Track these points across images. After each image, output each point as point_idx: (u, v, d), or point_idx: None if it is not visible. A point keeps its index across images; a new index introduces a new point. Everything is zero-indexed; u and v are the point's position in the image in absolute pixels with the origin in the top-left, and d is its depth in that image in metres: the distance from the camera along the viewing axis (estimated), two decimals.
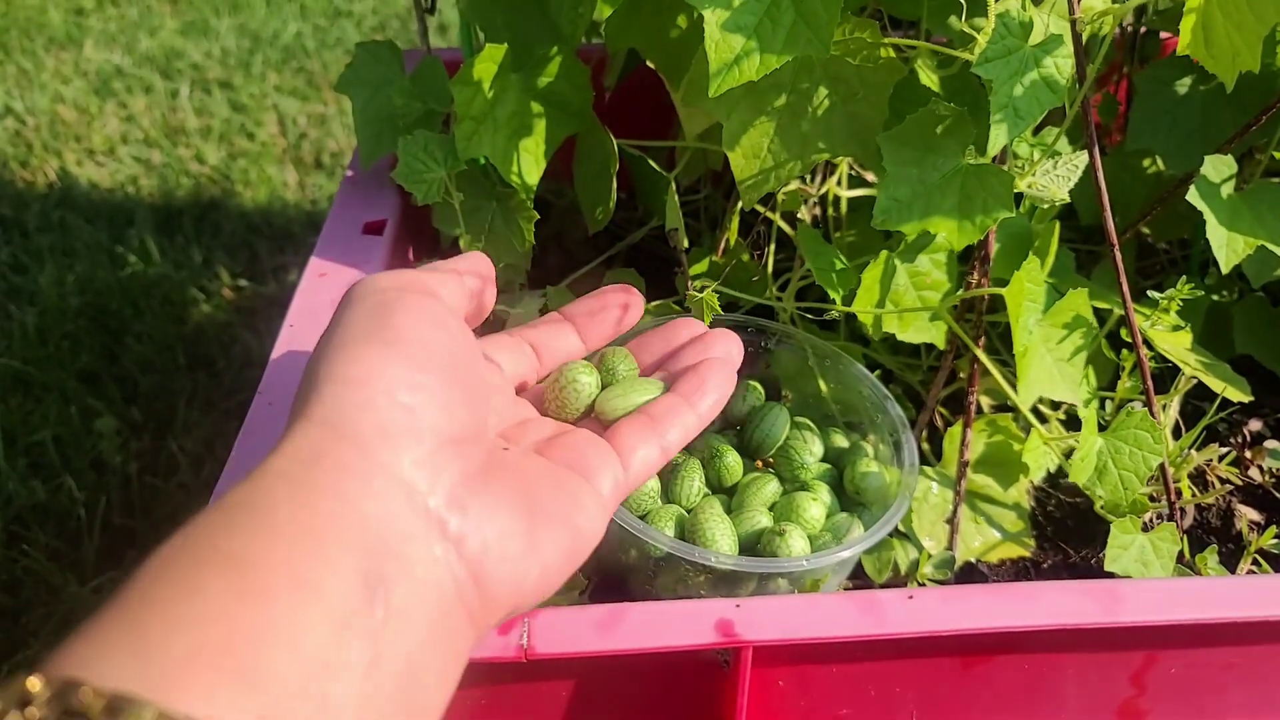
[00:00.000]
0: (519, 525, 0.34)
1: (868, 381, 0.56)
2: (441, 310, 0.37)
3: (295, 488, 0.30)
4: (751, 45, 0.45)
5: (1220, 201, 0.55)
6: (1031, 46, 0.44)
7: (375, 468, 0.31)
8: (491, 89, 0.57)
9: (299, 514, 0.29)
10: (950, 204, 0.48)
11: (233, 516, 0.29)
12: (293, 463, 0.31)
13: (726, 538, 0.49)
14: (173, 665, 0.25)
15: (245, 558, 0.28)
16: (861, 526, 0.51)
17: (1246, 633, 0.44)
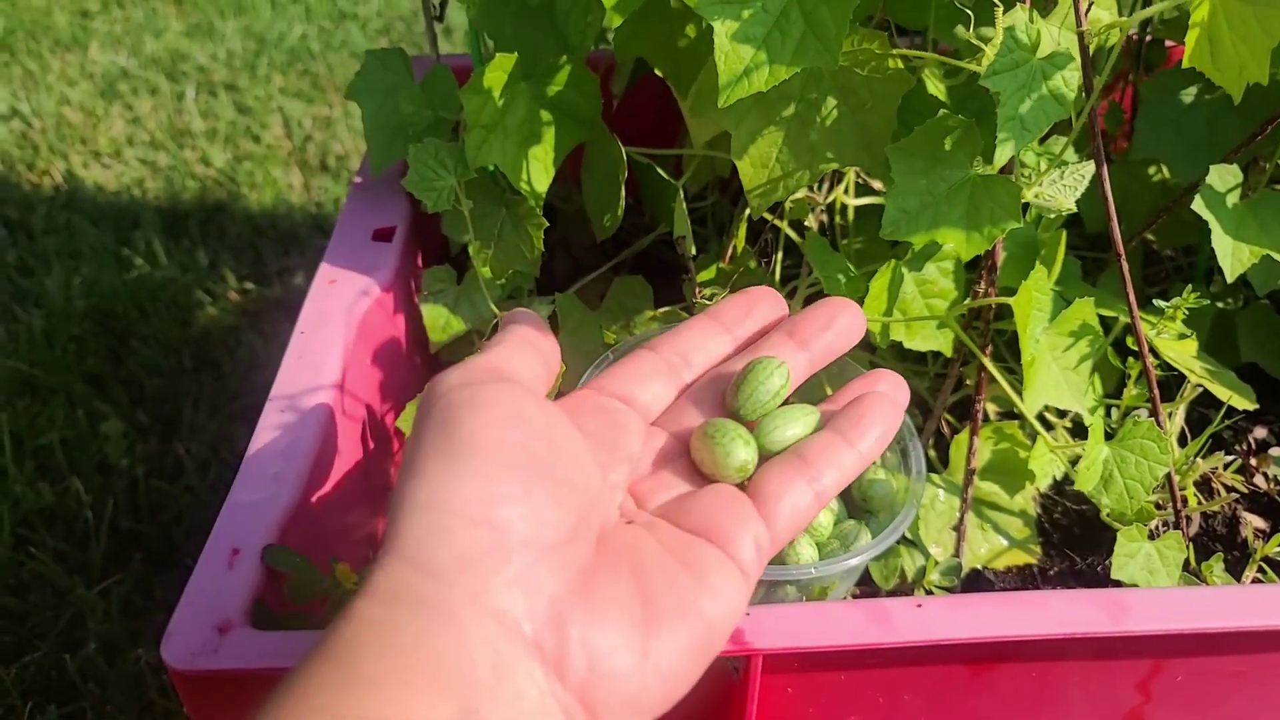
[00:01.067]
0: (629, 635, 0.31)
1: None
2: (515, 398, 0.33)
3: (380, 631, 0.28)
4: (761, 56, 0.46)
5: (1225, 211, 0.56)
6: (1039, 59, 0.44)
7: (460, 599, 0.29)
8: (502, 97, 0.57)
9: (384, 660, 0.28)
10: (958, 214, 0.48)
11: (324, 670, 0.28)
12: (376, 603, 0.29)
13: None
14: None
15: (336, 712, 0.27)
16: (869, 534, 0.52)
17: (1253, 641, 0.45)
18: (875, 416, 0.39)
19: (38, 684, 0.83)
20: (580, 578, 0.31)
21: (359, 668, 0.27)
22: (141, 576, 0.91)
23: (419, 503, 0.30)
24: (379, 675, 0.27)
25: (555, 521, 0.31)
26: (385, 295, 0.62)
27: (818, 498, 0.37)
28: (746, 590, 0.35)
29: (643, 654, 0.31)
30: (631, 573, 0.32)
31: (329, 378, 0.54)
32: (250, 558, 0.44)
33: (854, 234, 0.65)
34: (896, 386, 0.42)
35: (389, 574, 0.29)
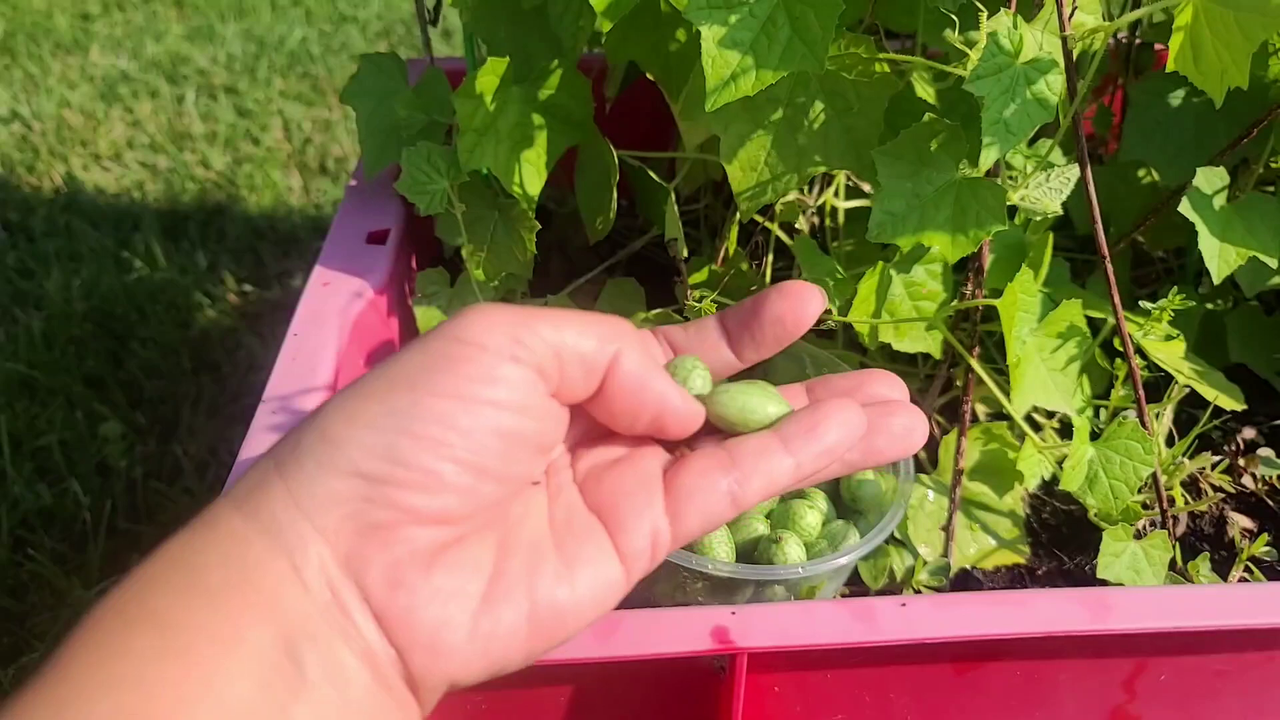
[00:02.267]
0: (462, 607, 0.31)
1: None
2: (504, 380, 0.32)
3: (232, 543, 0.30)
4: (748, 61, 0.46)
5: (1212, 213, 0.56)
6: (1022, 64, 0.45)
7: (312, 535, 0.30)
8: (494, 101, 0.58)
9: (230, 575, 0.29)
10: (944, 217, 0.49)
11: (168, 573, 0.29)
12: (237, 515, 0.30)
13: (723, 545, 0.50)
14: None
15: (170, 617, 0.28)
16: (857, 534, 0.52)
17: (1237, 640, 0.45)
18: (829, 426, 0.35)
19: None
20: (438, 546, 0.31)
21: (204, 578, 0.29)
22: None
23: (326, 432, 0.30)
24: (217, 588, 0.29)
25: (445, 504, 0.31)
26: (379, 298, 0.63)
27: (734, 503, 0.34)
28: (621, 584, 0.33)
29: (470, 629, 0.31)
30: (498, 545, 0.32)
31: (322, 380, 0.54)
32: None
33: (844, 237, 0.65)
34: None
35: (261, 485, 0.30)
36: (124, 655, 0.27)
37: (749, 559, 0.51)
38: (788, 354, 0.60)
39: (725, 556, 0.50)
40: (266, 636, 0.28)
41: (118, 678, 0.27)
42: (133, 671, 0.27)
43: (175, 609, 0.28)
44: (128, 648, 0.27)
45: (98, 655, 0.27)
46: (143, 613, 0.28)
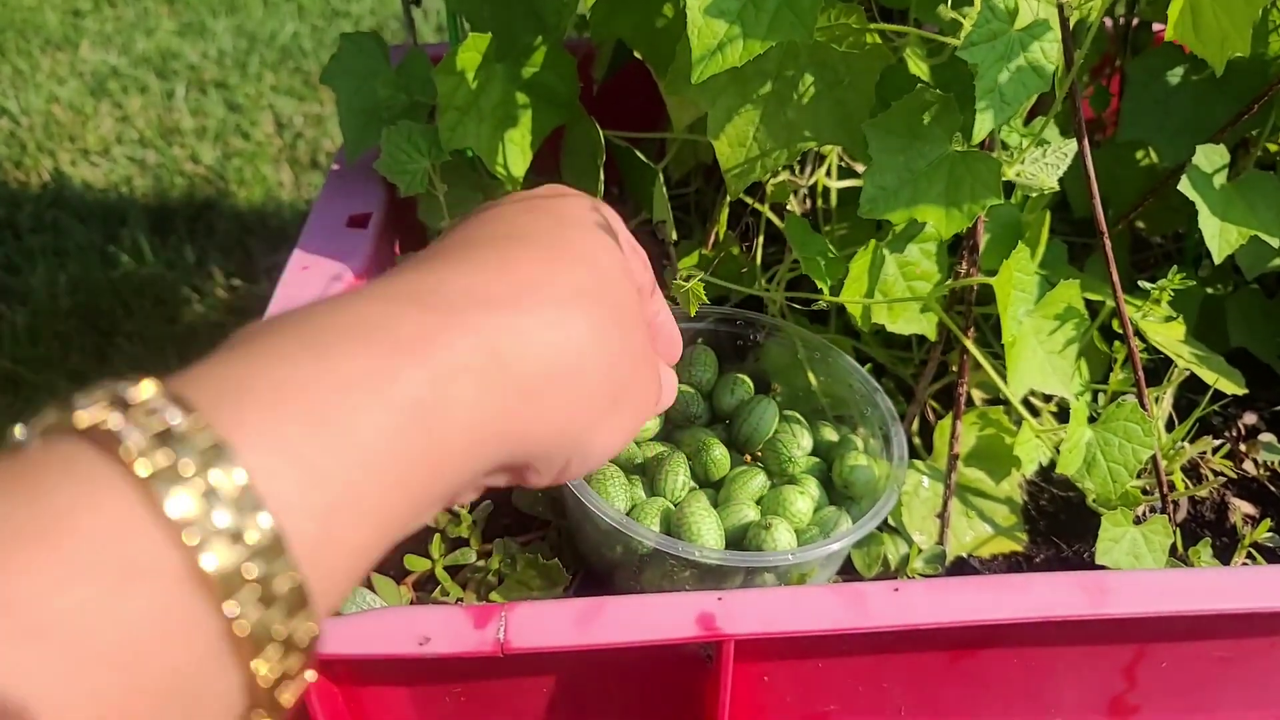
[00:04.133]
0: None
1: (857, 374, 0.56)
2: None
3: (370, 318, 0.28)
4: (735, 30, 0.45)
5: (1212, 192, 0.55)
6: (1017, 31, 0.43)
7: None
8: (476, 79, 0.56)
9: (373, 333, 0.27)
10: (937, 191, 0.47)
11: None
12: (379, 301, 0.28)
13: (712, 532, 0.49)
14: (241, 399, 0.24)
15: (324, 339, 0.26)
16: (849, 520, 0.51)
17: (1238, 625, 0.44)
18: None
19: None
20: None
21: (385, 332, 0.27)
22: None
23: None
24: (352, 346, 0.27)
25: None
26: (359, 282, 0.61)
27: None
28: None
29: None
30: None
31: None
32: None
33: (837, 219, 0.64)
34: None
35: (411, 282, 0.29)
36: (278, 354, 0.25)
37: (739, 545, 0.50)
38: (779, 340, 0.59)
39: (714, 543, 0.48)
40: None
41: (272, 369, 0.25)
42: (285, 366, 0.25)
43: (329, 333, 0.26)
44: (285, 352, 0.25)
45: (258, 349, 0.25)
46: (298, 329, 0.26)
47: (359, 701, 0.44)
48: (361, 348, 0.26)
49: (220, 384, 0.24)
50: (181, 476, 0.21)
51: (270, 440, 0.23)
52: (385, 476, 0.25)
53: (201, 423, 0.22)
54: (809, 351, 0.58)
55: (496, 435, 0.29)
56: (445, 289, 0.29)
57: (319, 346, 0.25)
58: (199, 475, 0.21)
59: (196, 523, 0.21)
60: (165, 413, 0.22)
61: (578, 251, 0.33)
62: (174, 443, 0.21)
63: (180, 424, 0.22)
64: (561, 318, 0.31)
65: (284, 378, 0.24)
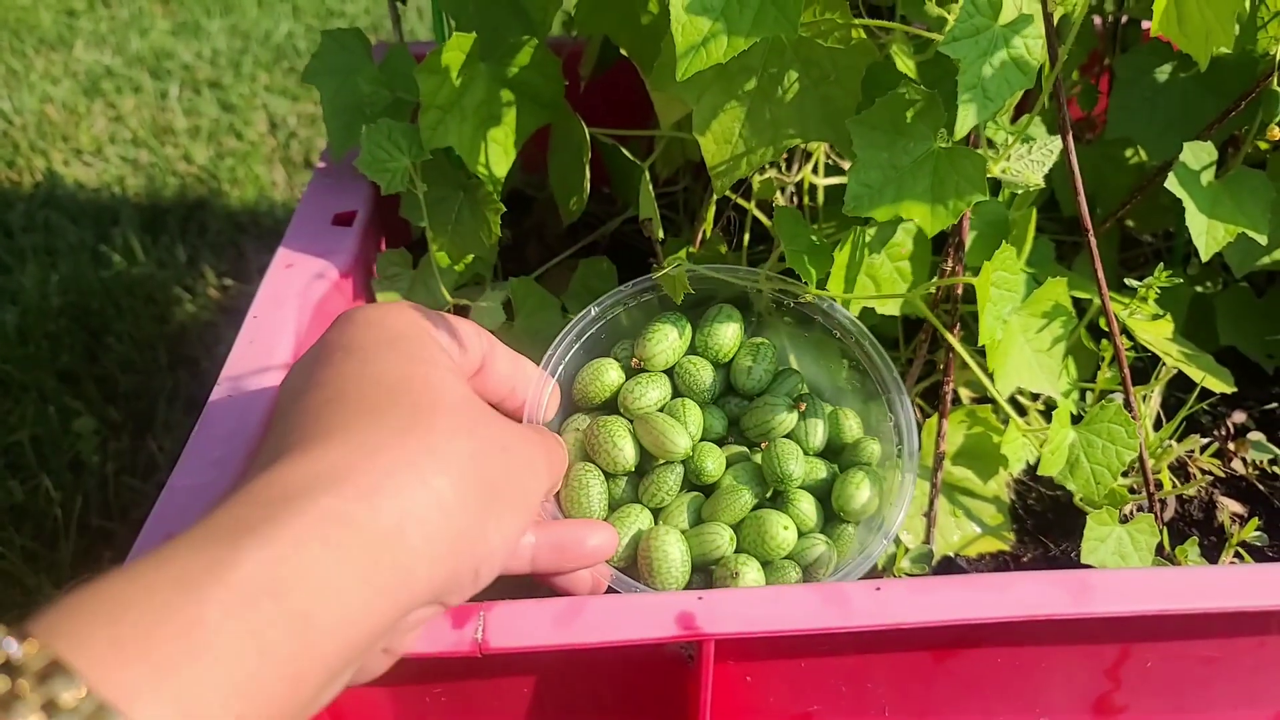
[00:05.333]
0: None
1: (850, 324, 0.53)
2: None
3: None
4: (719, 26, 0.44)
5: (1200, 189, 0.54)
6: (1001, 26, 0.43)
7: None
8: (459, 77, 0.56)
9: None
10: (922, 188, 0.47)
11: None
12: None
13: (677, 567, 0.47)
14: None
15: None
16: (836, 555, 0.49)
17: (1224, 624, 0.43)
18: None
19: None
20: None
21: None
22: None
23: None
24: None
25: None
26: (343, 280, 0.61)
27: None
28: None
29: None
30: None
31: (279, 361, 0.52)
32: None
33: (824, 219, 0.64)
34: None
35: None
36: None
37: (706, 574, 0.49)
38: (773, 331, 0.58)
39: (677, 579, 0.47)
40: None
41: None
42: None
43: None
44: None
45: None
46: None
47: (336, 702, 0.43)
48: (201, 545, 0.29)
49: (104, 639, 0.26)
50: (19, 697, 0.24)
51: (151, 695, 0.25)
52: (269, 696, 0.27)
53: (83, 691, 0.24)
54: (795, 344, 0.56)
55: (381, 600, 0.31)
56: (284, 471, 0.32)
57: (191, 583, 0.28)
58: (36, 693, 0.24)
59: None
60: (54, 683, 0.24)
61: (425, 402, 0.36)
62: (64, 715, 0.24)
63: (68, 695, 0.24)
64: (395, 463, 0.33)
65: (159, 623, 0.26)
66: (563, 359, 0.51)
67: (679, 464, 0.50)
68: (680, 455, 0.49)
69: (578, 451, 0.50)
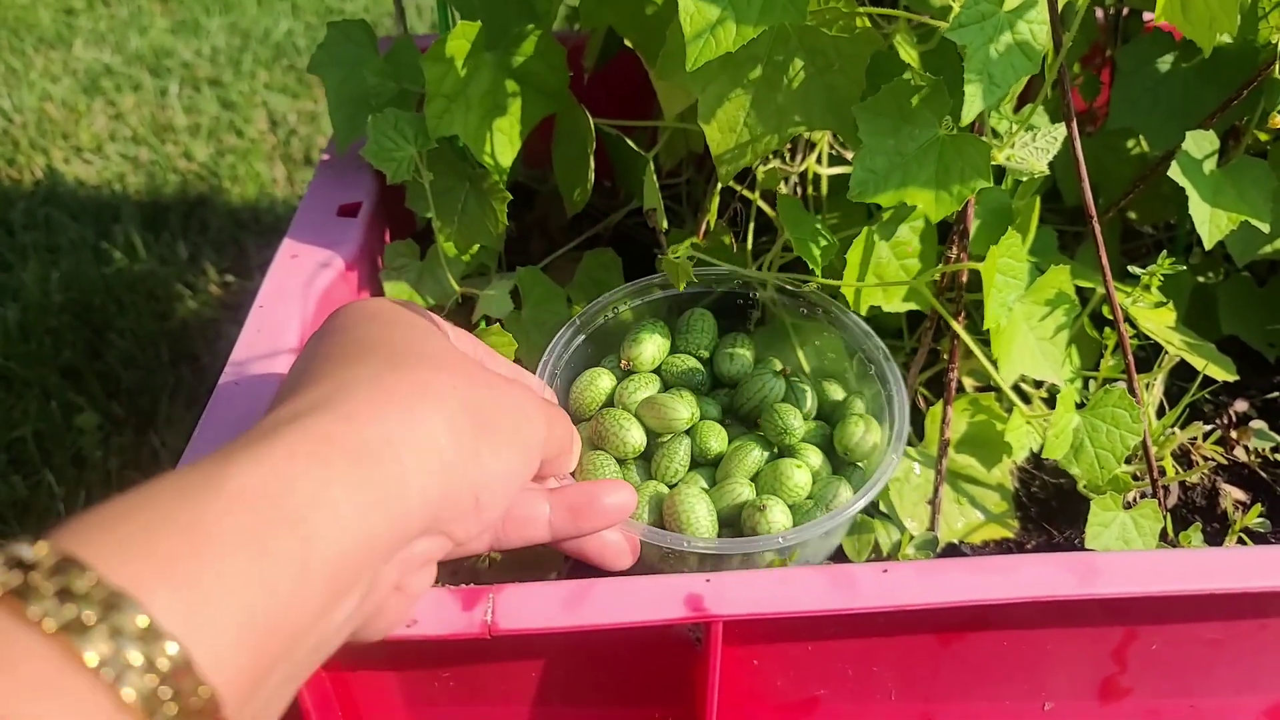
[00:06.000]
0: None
1: (860, 330, 0.55)
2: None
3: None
4: (727, 14, 0.45)
5: (1202, 178, 0.55)
6: (1006, 11, 0.43)
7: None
8: (464, 67, 0.56)
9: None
10: (927, 174, 0.47)
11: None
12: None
13: (704, 519, 0.48)
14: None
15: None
16: (850, 489, 0.50)
17: (1228, 606, 0.44)
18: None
19: None
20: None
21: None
22: None
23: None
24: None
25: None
26: (349, 271, 0.61)
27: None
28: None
29: None
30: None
31: (286, 351, 0.53)
32: None
33: (828, 208, 0.64)
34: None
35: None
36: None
37: (733, 526, 0.50)
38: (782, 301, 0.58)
39: (706, 530, 0.48)
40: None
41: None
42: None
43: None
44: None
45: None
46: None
47: (347, 686, 0.43)
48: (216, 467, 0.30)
49: (111, 540, 0.27)
50: (86, 626, 0.24)
51: (159, 582, 0.26)
52: (272, 591, 0.28)
53: (94, 579, 0.25)
54: (811, 308, 0.57)
55: (373, 512, 0.31)
56: (293, 398, 0.34)
57: (189, 493, 0.29)
58: (103, 622, 0.24)
59: (110, 662, 0.24)
60: (67, 574, 0.25)
61: (409, 351, 0.37)
62: (79, 600, 0.24)
63: (80, 583, 0.25)
64: (380, 392, 0.34)
65: (161, 525, 0.27)
66: (554, 374, 0.52)
67: (685, 436, 0.52)
68: (684, 424, 0.51)
69: (587, 446, 0.51)
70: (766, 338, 0.59)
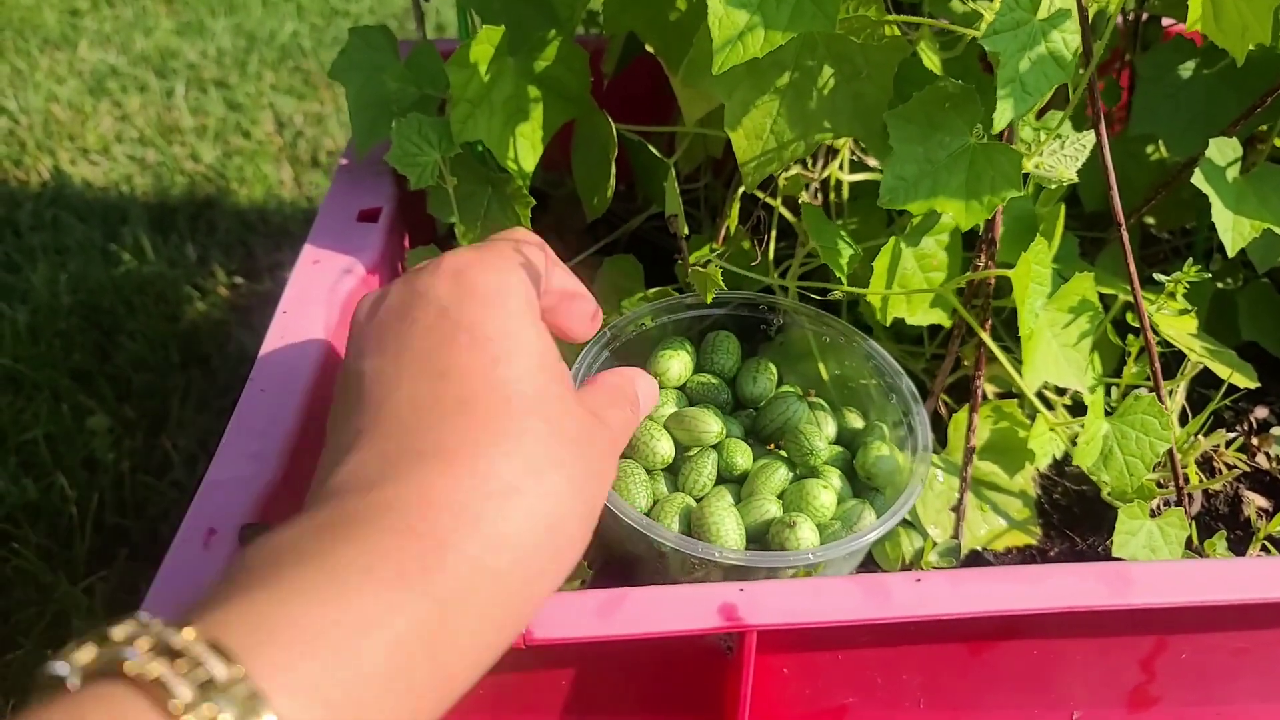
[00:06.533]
0: None
1: (880, 358, 0.55)
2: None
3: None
4: (756, 20, 0.45)
5: (1225, 184, 0.55)
6: (1039, 20, 0.43)
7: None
8: (488, 72, 0.56)
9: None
10: (958, 183, 0.47)
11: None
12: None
13: (733, 532, 0.48)
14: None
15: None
16: (873, 513, 0.50)
17: (1257, 616, 0.44)
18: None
19: (21, 682, 0.81)
20: None
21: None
22: (126, 573, 0.90)
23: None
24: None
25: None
26: (370, 276, 0.61)
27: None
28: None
29: None
30: None
31: (311, 357, 0.53)
32: (227, 538, 0.43)
33: (849, 214, 0.64)
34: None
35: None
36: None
37: (761, 541, 0.50)
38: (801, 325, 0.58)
39: (735, 543, 0.48)
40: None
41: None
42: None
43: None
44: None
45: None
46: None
47: None
48: (370, 584, 0.29)
49: (250, 626, 0.27)
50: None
51: (296, 682, 0.26)
52: (399, 704, 0.28)
53: (240, 673, 0.25)
54: (834, 334, 0.57)
55: (497, 639, 0.32)
56: (430, 507, 0.31)
57: (334, 584, 0.28)
58: (196, 669, 0.24)
59: (192, 712, 0.24)
60: (208, 664, 0.25)
61: (519, 406, 0.34)
62: (216, 693, 0.24)
63: (222, 675, 0.25)
64: (536, 494, 0.33)
65: (304, 619, 0.27)
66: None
67: (712, 450, 0.52)
68: (713, 438, 0.51)
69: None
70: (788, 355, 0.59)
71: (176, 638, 0.25)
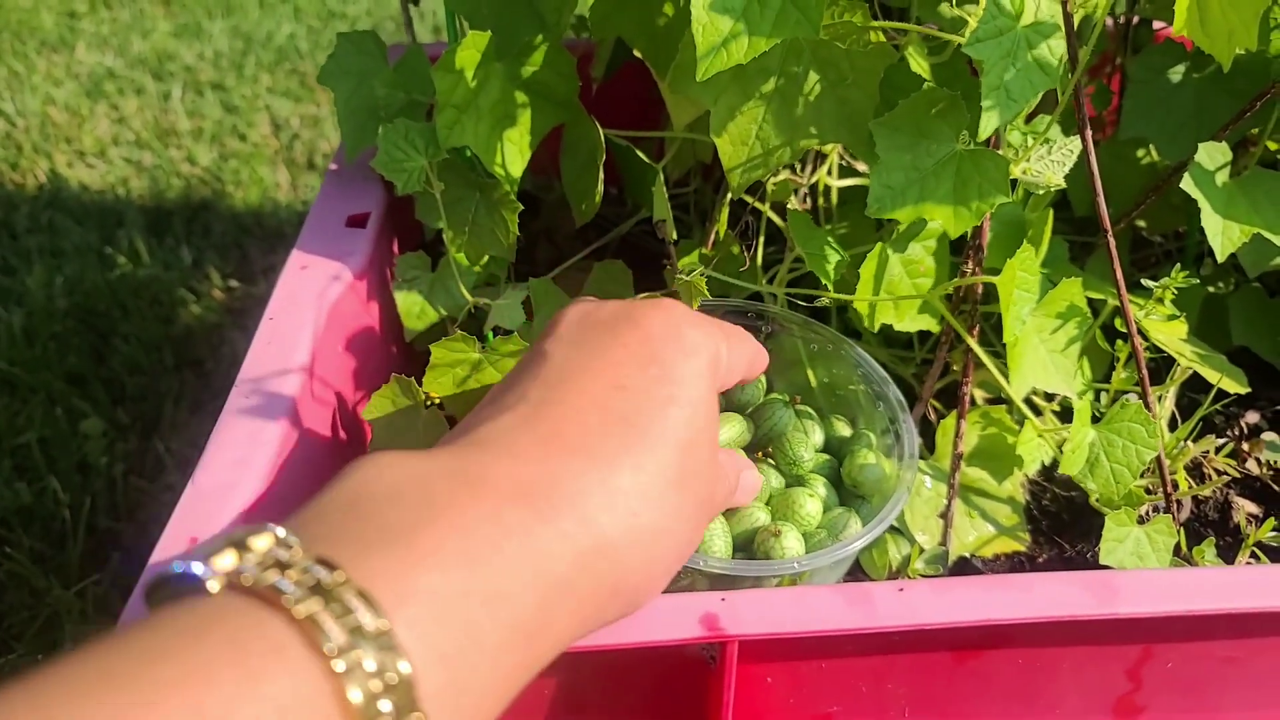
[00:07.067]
0: None
1: (868, 366, 0.55)
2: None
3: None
4: (739, 27, 0.44)
5: (1215, 189, 0.55)
6: (1023, 27, 0.43)
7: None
8: (475, 77, 0.56)
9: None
10: (945, 190, 0.47)
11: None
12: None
13: (719, 539, 0.48)
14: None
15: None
16: (859, 521, 0.50)
17: (1245, 625, 0.43)
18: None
19: None
20: None
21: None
22: (119, 576, 0.90)
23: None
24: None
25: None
26: (358, 282, 0.61)
27: None
28: None
29: None
30: None
31: (297, 363, 0.52)
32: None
33: (837, 219, 0.64)
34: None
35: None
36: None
37: (747, 549, 0.50)
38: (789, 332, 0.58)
39: (720, 551, 0.48)
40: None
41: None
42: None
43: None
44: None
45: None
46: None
47: None
48: (498, 560, 0.30)
49: (390, 577, 0.27)
50: (331, 618, 0.25)
51: (426, 648, 0.27)
52: (496, 681, 0.29)
53: (386, 626, 0.26)
54: (821, 342, 0.57)
55: (571, 639, 0.33)
56: (562, 499, 0.33)
57: (465, 551, 0.29)
58: (347, 616, 0.25)
59: (344, 657, 0.25)
60: (357, 612, 0.25)
61: (673, 440, 0.36)
62: (364, 641, 0.25)
63: (370, 626, 0.25)
64: (651, 523, 0.35)
65: (442, 587, 0.28)
66: None
67: None
68: None
69: None
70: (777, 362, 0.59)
71: (326, 576, 0.26)
